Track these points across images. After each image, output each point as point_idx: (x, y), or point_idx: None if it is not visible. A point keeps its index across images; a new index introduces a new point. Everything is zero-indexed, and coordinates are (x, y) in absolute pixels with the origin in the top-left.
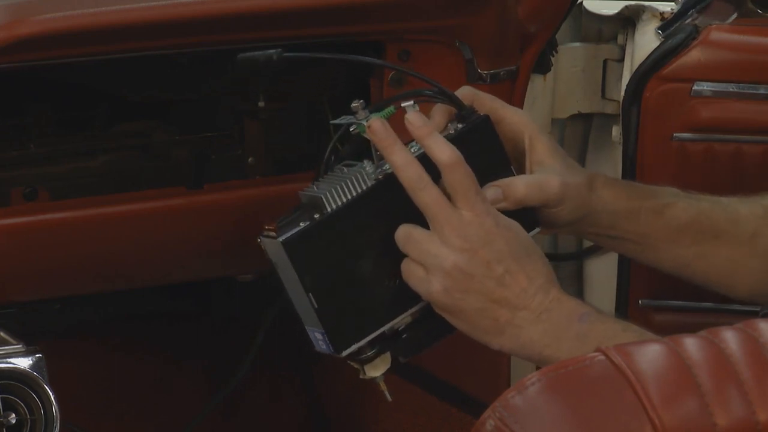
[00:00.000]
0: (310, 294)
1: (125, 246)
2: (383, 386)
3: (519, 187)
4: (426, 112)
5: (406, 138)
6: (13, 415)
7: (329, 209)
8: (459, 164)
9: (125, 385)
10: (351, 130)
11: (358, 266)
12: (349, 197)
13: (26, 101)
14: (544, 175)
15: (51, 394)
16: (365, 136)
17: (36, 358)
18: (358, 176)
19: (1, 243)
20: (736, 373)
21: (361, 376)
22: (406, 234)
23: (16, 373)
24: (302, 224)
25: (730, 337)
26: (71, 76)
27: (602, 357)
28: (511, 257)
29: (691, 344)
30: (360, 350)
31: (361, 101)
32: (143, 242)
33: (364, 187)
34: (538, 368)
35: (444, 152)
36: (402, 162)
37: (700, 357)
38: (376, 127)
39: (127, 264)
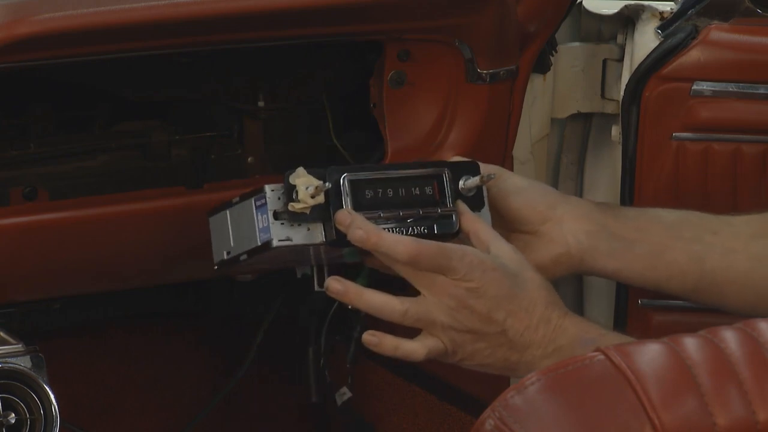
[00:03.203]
0: None
1: (125, 246)
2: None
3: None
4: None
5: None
6: (13, 415)
7: None
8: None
9: (125, 385)
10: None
11: None
12: None
13: (26, 101)
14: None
15: (51, 394)
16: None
17: (36, 358)
18: None
19: (0, 243)
20: (736, 372)
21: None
22: (400, 312)
23: (16, 373)
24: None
25: (729, 337)
26: (71, 76)
27: (602, 357)
28: (506, 299)
29: (690, 344)
30: None
31: None
32: (143, 242)
33: None
34: None
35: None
36: (369, 244)
37: (700, 357)
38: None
39: (127, 264)
